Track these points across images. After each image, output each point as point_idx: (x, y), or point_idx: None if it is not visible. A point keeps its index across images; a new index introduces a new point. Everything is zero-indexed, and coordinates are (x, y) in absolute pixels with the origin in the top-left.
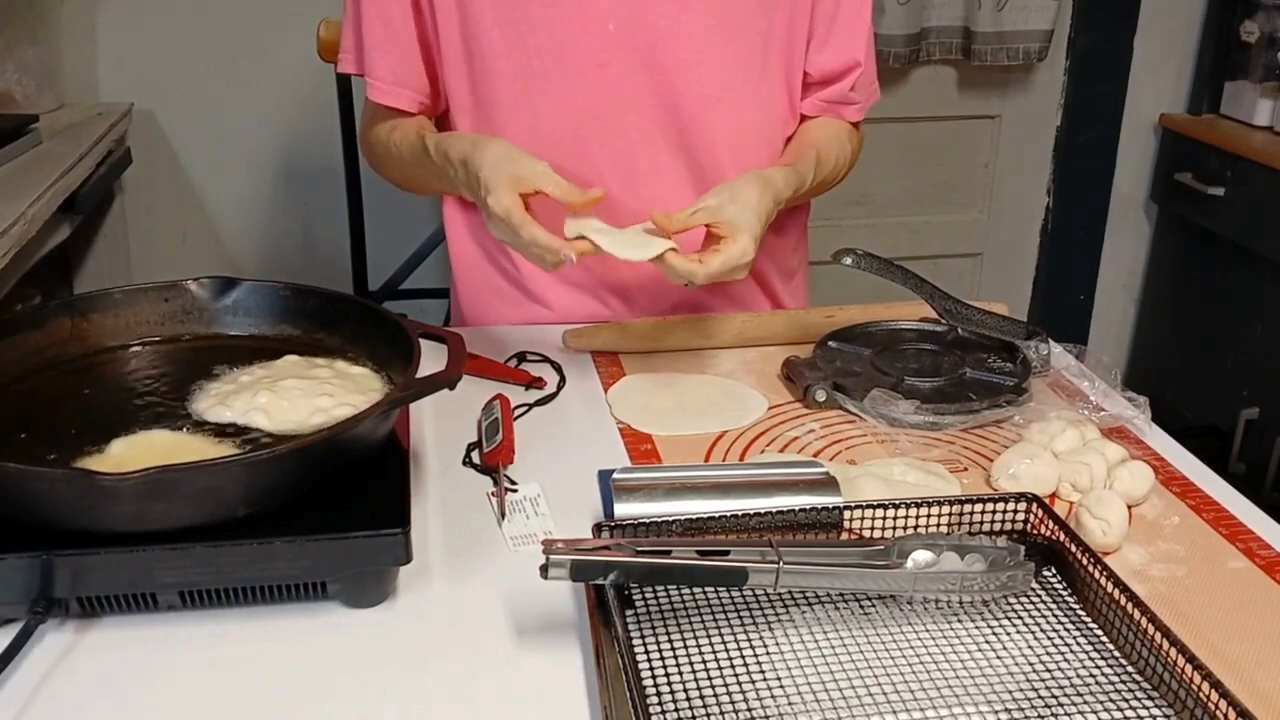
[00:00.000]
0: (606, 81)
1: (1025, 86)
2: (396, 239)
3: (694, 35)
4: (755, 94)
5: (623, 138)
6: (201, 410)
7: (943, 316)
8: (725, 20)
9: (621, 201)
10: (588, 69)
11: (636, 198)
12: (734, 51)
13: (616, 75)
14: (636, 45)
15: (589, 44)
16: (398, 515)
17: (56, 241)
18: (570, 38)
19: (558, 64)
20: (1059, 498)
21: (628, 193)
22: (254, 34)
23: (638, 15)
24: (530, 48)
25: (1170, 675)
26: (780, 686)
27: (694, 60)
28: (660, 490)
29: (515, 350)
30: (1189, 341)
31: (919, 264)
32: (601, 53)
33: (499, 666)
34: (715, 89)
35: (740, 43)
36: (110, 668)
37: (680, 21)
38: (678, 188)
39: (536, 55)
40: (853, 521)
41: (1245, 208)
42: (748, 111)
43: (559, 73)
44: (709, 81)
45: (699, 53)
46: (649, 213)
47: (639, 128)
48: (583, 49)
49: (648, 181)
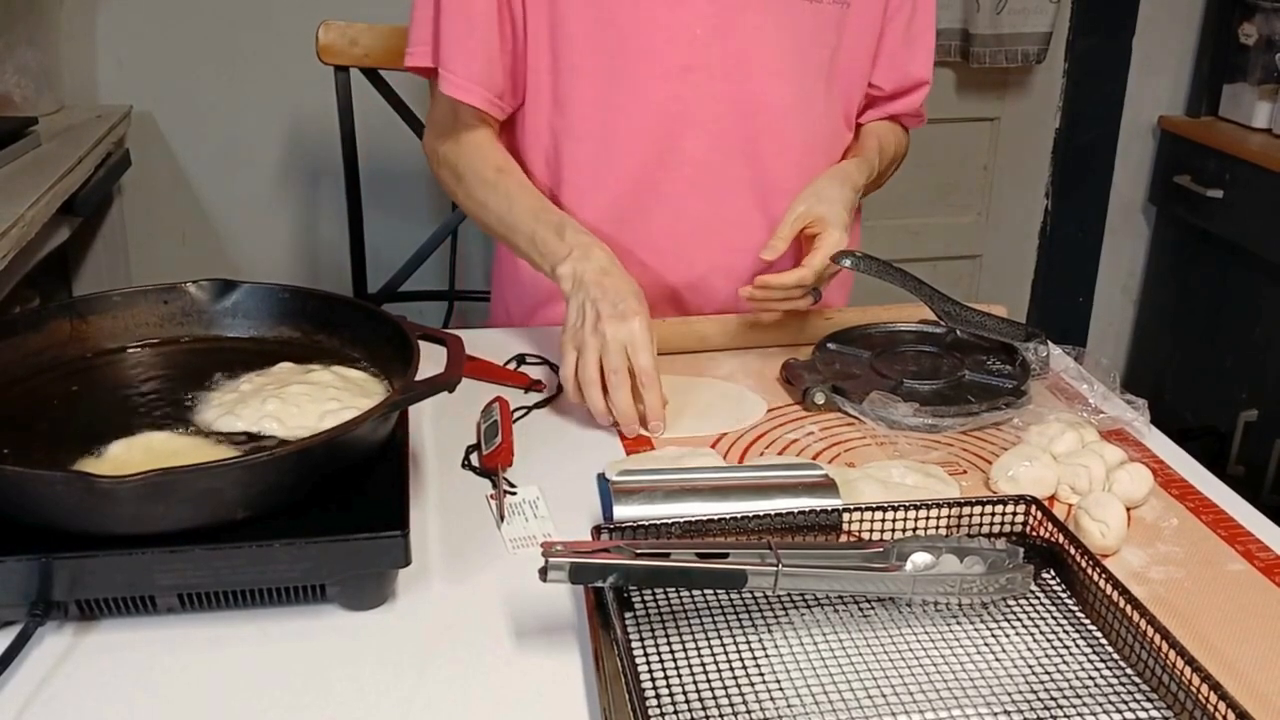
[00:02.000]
0: (688, 86)
1: (1024, 88)
2: (396, 241)
3: (775, 45)
4: (822, 107)
5: (697, 142)
6: (210, 420)
7: (941, 319)
8: (799, 34)
9: (686, 204)
10: (671, 72)
11: (701, 201)
12: (806, 65)
13: (698, 80)
14: (722, 51)
15: (675, 47)
16: (397, 518)
17: (56, 244)
18: (657, 40)
19: (642, 65)
20: (1058, 500)
21: (693, 195)
22: (253, 36)
23: (725, 22)
24: (615, 48)
25: (1169, 677)
26: (779, 689)
27: (773, 70)
28: (659, 493)
29: (514, 352)
30: (1188, 343)
31: (918, 266)
32: (686, 56)
33: (498, 669)
34: (790, 99)
35: (812, 56)
36: (109, 670)
37: (764, 30)
38: (741, 196)
39: (621, 55)
40: (852, 524)
41: (1244, 210)
42: (816, 123)
43: (642, 74)
44: (785, 92)
45: (778, 62)
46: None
47: (714, 133)
48: (668, 52)
49: (714, 188)
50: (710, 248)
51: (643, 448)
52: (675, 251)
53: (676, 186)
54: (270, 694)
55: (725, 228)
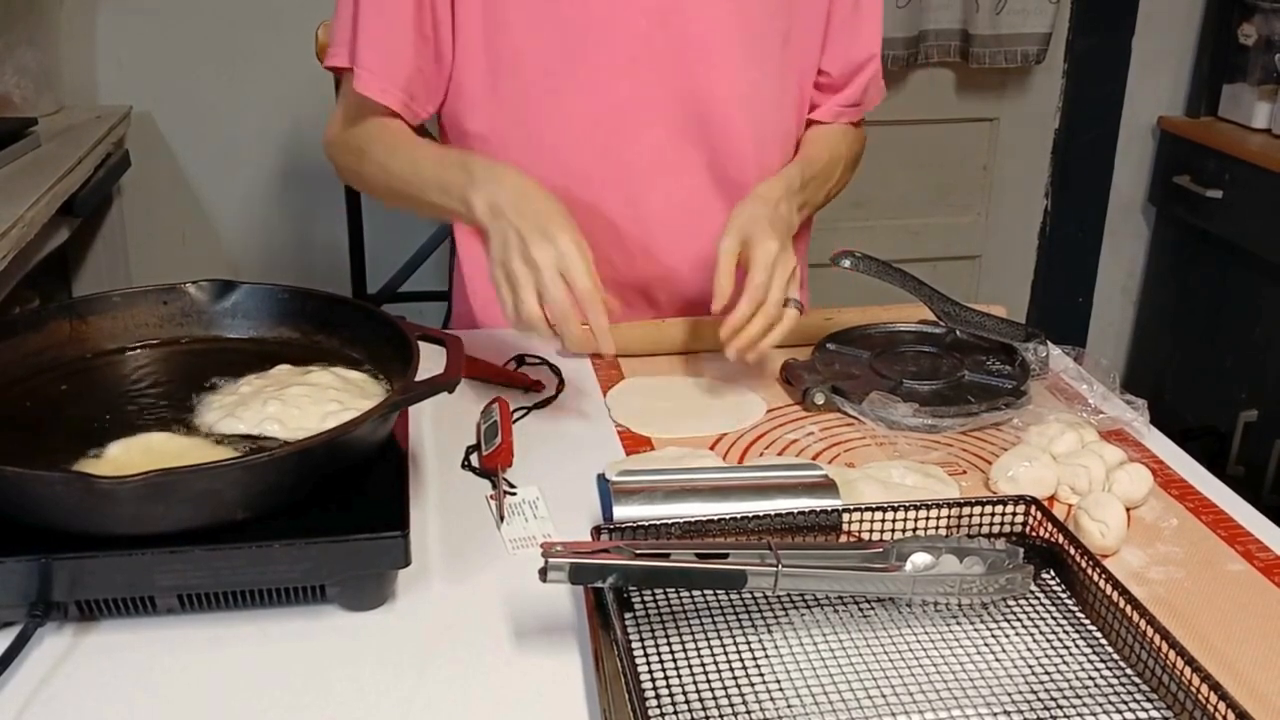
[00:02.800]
0: (635, 78)
1: (1023, 89)
2: (395, 242)
3: (723, 33)
4: (775, 94)
5: (649, 134)
6: (211, 423)
7: (941, 319)
8: (749, 20)
9: (645, 199)
10: (618, 64)
11: (659, 194)
12: (757, 51)
13: (646, 71)
14: (668, 42)
15: (620, 40)
16: (397, 518)
17: (55, 244)
18: (601, 33)
19: (587, 59)
20: (1058, 500)
21: (651, 188)
22: (253, 37)
23: (670, 12)
24: (559, 43)
25: (1169, 677)
26: (779, 689)
27: (722, 58)
28: (659, 493)
29: (514, 353)
30: (1187, 344)
31: (917, 266)
32: (632, 48)
33: (498, 669)
34: (741, 87)
35: (762, 43)
36: (109, 671)
37: (711, 19)
38: (700, 186)
39: (565, 50)
40: (851, 524)
41: (1243, 210)
42: (769, 111)
43: (588, 68)
44: (736, 80)
45: (726, 51)
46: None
47: (665, 126)
48: (613, 45)
49: (672, 179)
50: (675, 239)
51: (642, 448)
52: (640, 245)
53: (634, 180)
54: (270, 694)
55: (687, 217)
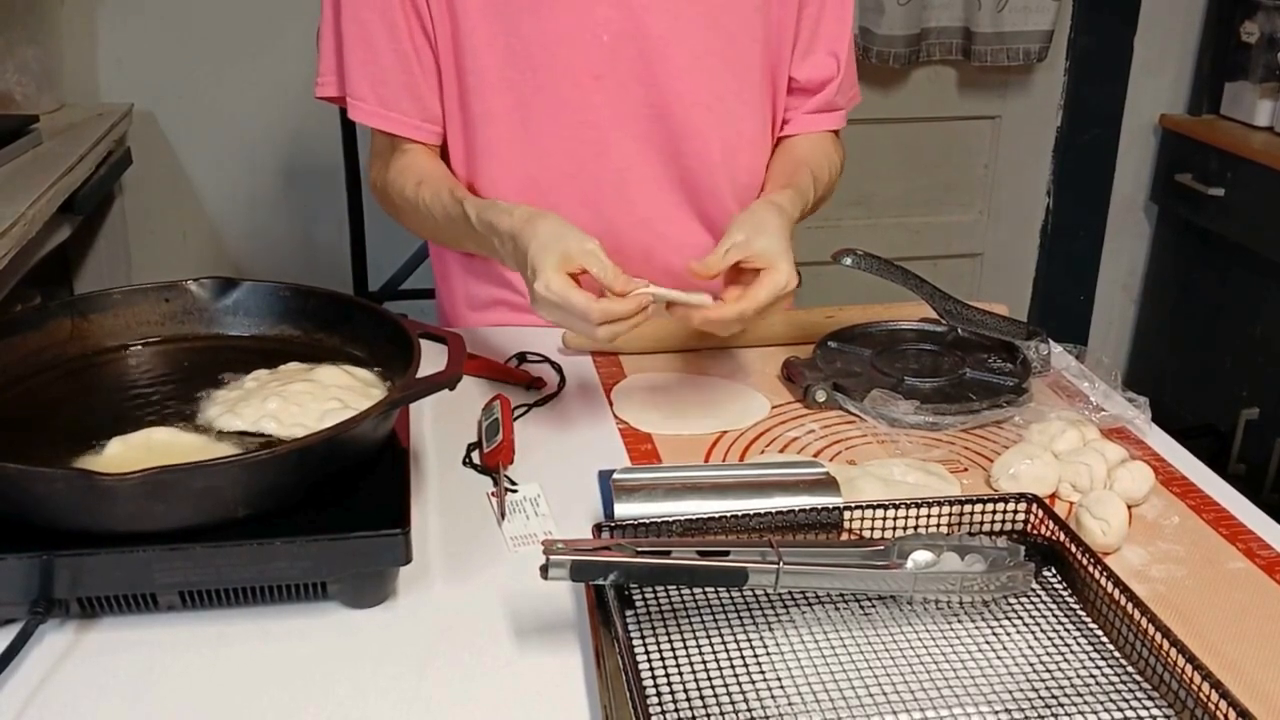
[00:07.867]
0: (601, 93)
1: (1025, 87)
2: (396, 240)
3: (689, 45)
4: (747, 102)
5: (617, 149)
6: (212, 419)
7: (943, 317)
8: (720, 29)
9: (615, 213)
10: (582, 81)
11: (630, 209)
12: (728, 60)
13: (611, 87)
14: (631, 56)
15: (583, 56)
16: (398, 516)
17: (56, 242)
18: (564, 50)
19: (551, 76)
20: (1059, 498)
21: (621, 204)
22: (253, 35)
23: (632, 26)
24: (523, 60)
25: (1170, 675)
26: (780, 687)
27: (688, 70)
28: (660, 490)
29: (515, 351)
30: (1189, 342)
31: (919, 264)
32: (596, 64)
33: (499, 667)
34: (708, 98)
35: (735, 51)
36: (110, 668)
37: (675, 31)
38: (670, 199)
39: (529, 68)
40: (853, 522)
41: (1245, 208)
42: (740, 119)
43: (552, 85)
44: (703, 90)
45: (693, 62)
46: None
47: (633, 138)
48: (577, 61)
49: (641, 192)
50: (647, 250)
51: (644, 445)
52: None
53: (604, 193)
54: (270, 693)
55: (657, 228)
